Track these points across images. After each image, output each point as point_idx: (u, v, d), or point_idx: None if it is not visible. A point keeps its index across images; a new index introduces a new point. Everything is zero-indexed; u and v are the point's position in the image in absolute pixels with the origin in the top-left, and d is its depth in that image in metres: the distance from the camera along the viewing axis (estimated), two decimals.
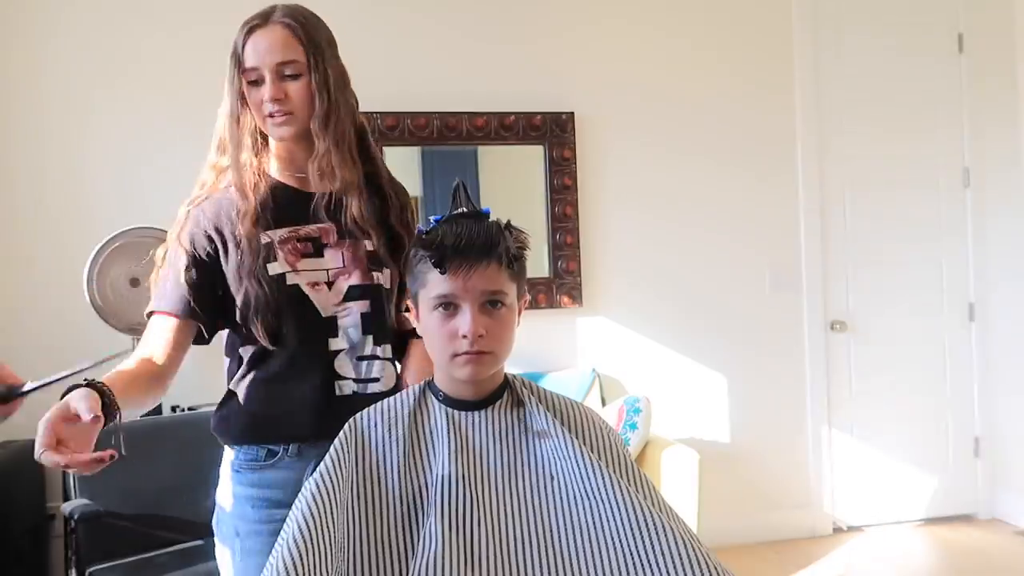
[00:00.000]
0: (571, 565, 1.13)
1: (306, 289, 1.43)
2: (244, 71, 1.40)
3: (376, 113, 3.48)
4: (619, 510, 1.14)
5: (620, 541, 1.13)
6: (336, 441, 1.22)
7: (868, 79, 3.97)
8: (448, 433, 1.21)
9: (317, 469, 1.19)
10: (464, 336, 1.17)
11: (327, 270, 1.45)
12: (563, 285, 3.67)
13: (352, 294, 1.46)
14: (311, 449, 1.37)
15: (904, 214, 4.01)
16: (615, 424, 3.25)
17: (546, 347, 3.64)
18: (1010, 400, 3.98)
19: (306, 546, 1.05)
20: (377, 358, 1.47)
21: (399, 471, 1.18)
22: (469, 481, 1.17)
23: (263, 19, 1.41)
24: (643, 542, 1.12)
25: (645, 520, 1.13)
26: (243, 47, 1.39)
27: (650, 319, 3.76)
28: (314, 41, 1.41)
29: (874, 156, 3.98)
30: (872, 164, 3.97)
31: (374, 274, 1.48)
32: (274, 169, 1.50)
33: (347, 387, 1.44)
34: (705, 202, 3.82)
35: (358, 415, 1.25)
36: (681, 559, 1.10)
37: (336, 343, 1.44)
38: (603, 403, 3.51)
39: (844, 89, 3.95)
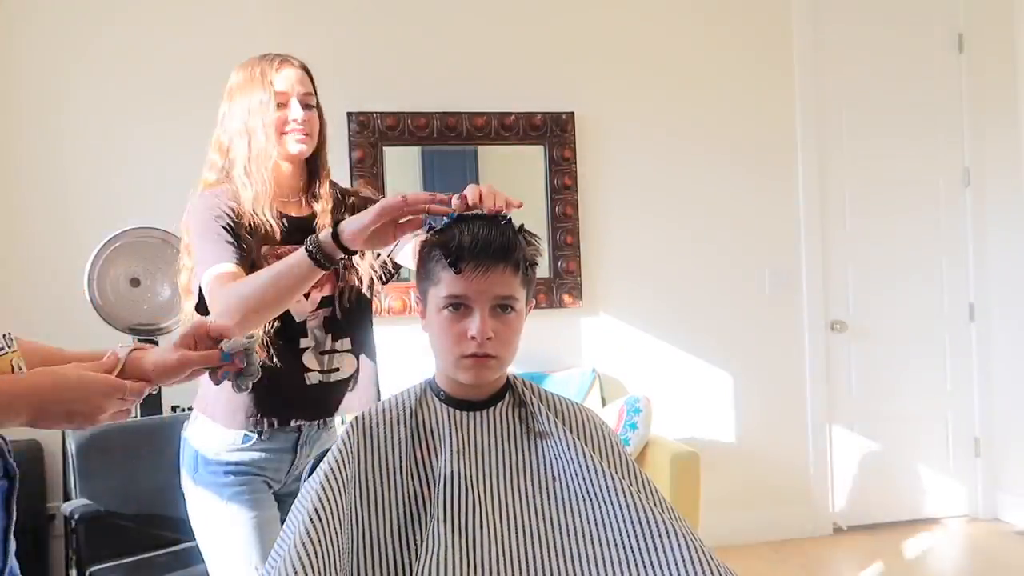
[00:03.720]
0: (574, 566, 1.12)
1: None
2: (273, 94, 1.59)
3: (376, 113, 3.47)
4: (622, 511, 1.14)
5: (624, 542, 1.13)
6: (339, 440, 1.21)
7: (868, 79, 3.97)
8: (450, 432, 1.20)
9: (320, 468, 1.18)
10: (472, 337, 1.17)
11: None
12: (563, 285, 3.67)
13: (324, 303, 1.68)
14: (280, 433, 1.65)
15: (904, 214, 4.01)
16: (615, 424, 3.25)
17: (547, 347, 3.63)
18: (1010, 400, 3.98)
19: (315, 547, 1.04)
20: (336, 351, 1.69)
21: (402, 471, 1.18)
22: (471, 481, 1.16)
23: (283, 58, 1.63)
24: (647, 543, 1.12)
25: (649, 521, 1.13)
26: (274, 75, 1.60)
27: (650, 319, 3.76)
28: (315, 87, 1.67)
29: (874, 156, 3.97)
30: (872, 164, 3.97)
31: (339, 285, 1.69)
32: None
33: (314, 377, 1.67)
34: (705, 202, 3.81)
35: (361, 414, 1.25)
36: (684, 560, 1.10)
37: (304, 342, 1.66)
38: (603, 403, 3.51)
39: (844, 89, 3.95)
